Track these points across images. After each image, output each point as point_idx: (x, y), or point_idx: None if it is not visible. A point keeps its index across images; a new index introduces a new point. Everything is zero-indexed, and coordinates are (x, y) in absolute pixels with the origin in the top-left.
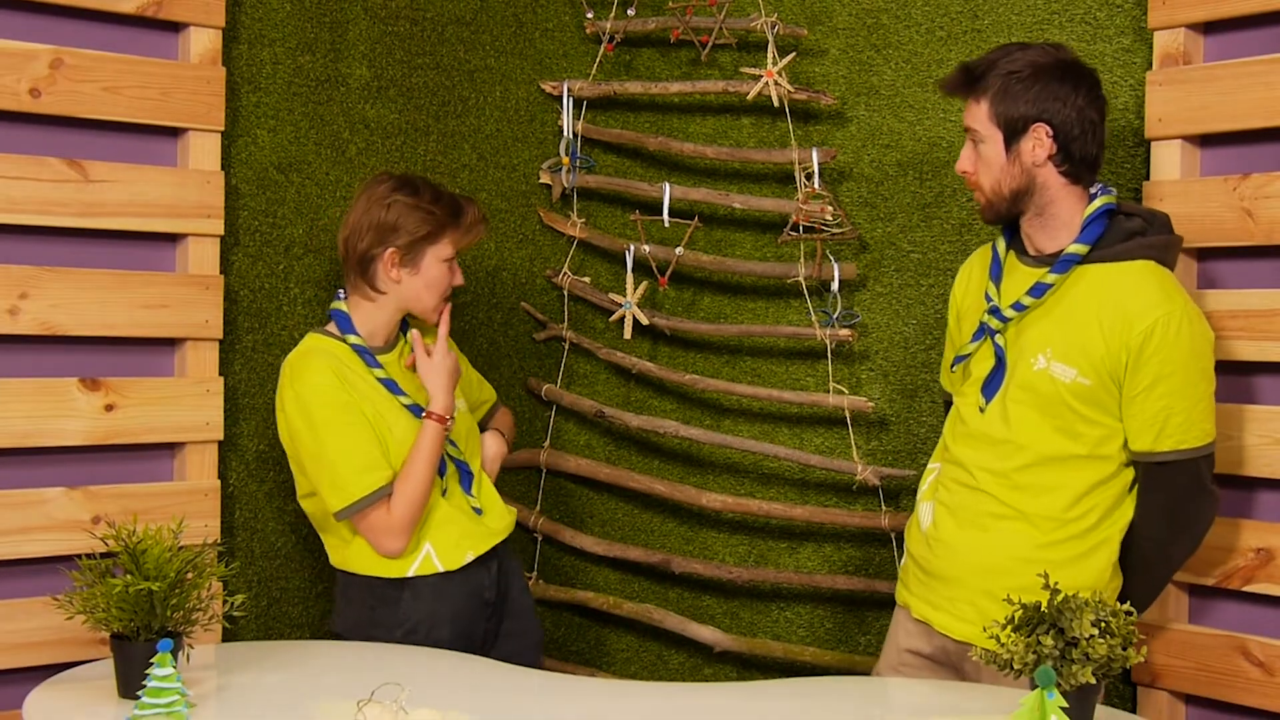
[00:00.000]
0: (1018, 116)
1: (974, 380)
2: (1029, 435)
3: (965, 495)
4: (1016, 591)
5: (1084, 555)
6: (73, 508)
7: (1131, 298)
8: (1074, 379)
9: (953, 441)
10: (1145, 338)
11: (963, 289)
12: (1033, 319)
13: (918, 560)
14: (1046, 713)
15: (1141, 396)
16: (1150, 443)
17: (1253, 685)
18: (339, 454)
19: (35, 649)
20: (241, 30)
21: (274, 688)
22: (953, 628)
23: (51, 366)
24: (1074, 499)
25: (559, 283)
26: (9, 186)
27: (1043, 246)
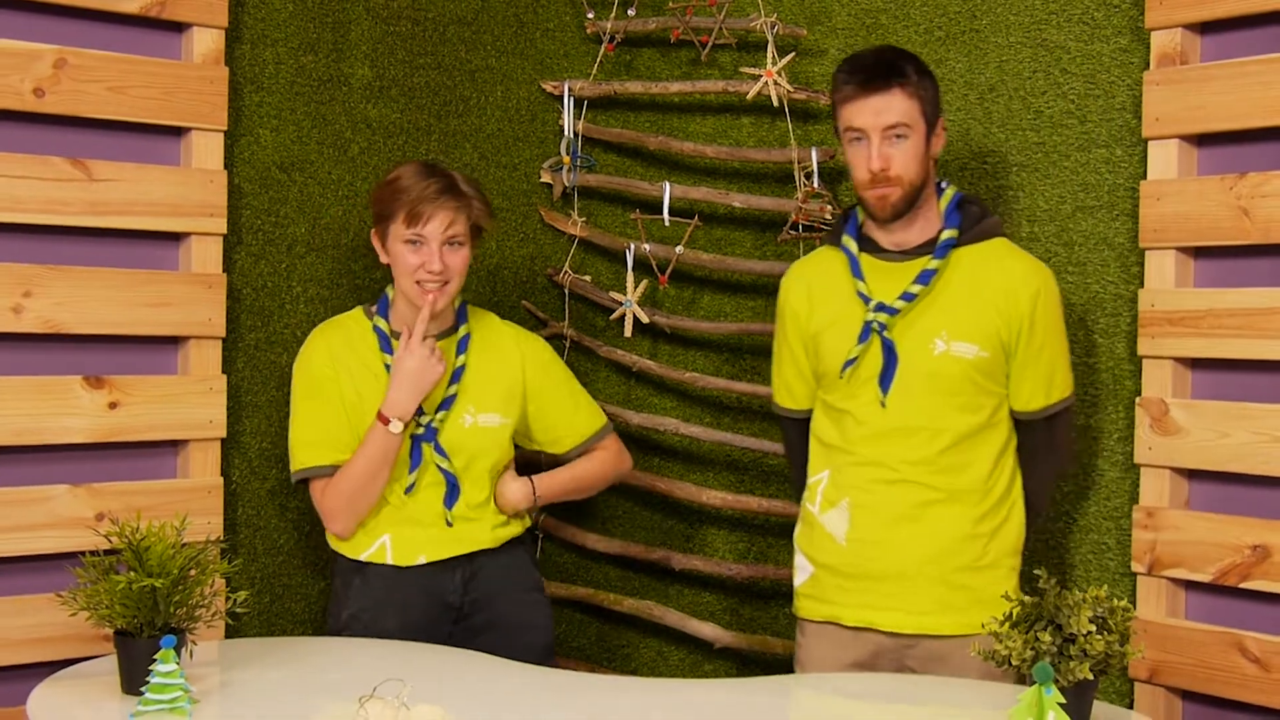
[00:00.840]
0: (934, 109)
1: (865, 380)
2: (943, 418)
3: (887, 491)
4: (960, 572)
5: (1005, 520)
6: (77, 505)
7: (1011, 272)
8: (976, 354)
9: (856, 444)
10: (1033, 304)
11: (805, 306)
12: (919, 309)
13: (836, 570)
14: (1045, 708)
15: (1034, 357)
16: (1044, 399)
17: (1249, 681)
18: (297, 424)
19: (39, 645)
20: (244, 30)
21: (276, 684)
22: (904, 623)
23: (55, 364)
24: (989, 469)
25: (560, 281)
26: (13, 186)
27: (907, 241)
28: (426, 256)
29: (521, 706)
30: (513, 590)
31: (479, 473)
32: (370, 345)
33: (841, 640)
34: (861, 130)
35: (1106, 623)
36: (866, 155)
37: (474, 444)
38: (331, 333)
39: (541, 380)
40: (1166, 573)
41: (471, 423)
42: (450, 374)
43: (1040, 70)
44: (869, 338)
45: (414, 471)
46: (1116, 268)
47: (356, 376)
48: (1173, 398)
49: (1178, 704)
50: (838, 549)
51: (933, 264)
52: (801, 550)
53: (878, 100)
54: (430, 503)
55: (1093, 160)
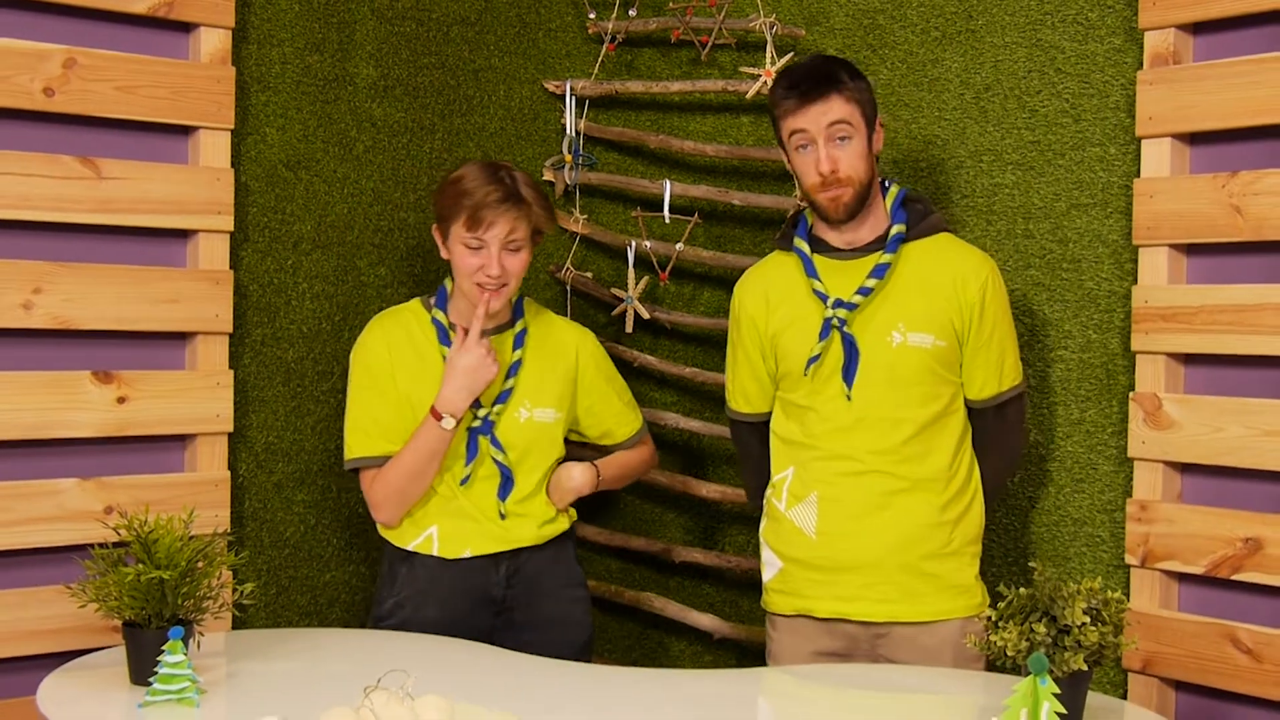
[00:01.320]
0: (872, 110)
1: (827, 376)
2: (904, 408)
3: (854, 482)
4: (927, 559)
5: (967, 508)
6: (85, 498)
7: (960, 263)
8: (933, 343)
9: (821, 439)
10: (981, 293)
11: (762, 310)
12: (876, 303)
13: (806, 563)
14: (1040, 699)
15: (985, 346)
16: (996, 386)
17: (1241, 672)
18: (352, 413)
19: (49, 636)
20: (251, 30)
21: (283, 675)
22: (875, 612)
23: (65, 360)
24: (950, 457)
25: (562, 278)
26: (23, 184)
27: (858, 239)
28: (486, 260)
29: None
30: (555, 586)
31: (531, 467)
32: (429, 337)
33: (813, 632)
34: (806, 134)
35: (1100, 614)
36: (815, 159)
37: (529, 438)
38: (390, 323)
39: (594, 376)
40: (1159, 565)
41: (527, 417)
42: (507, 368)
43: (1035, 70)
44: (829, 334)
45: (470, 464)
46: (1110, 264)
47: (412, 368)
48: (1166, 393)
49: (1171, 694)
50: (807, 542)
51: (885, 258)
52: (769, 546)
53: (818, 107)
54: (483, 495)
55: (1087, 158)
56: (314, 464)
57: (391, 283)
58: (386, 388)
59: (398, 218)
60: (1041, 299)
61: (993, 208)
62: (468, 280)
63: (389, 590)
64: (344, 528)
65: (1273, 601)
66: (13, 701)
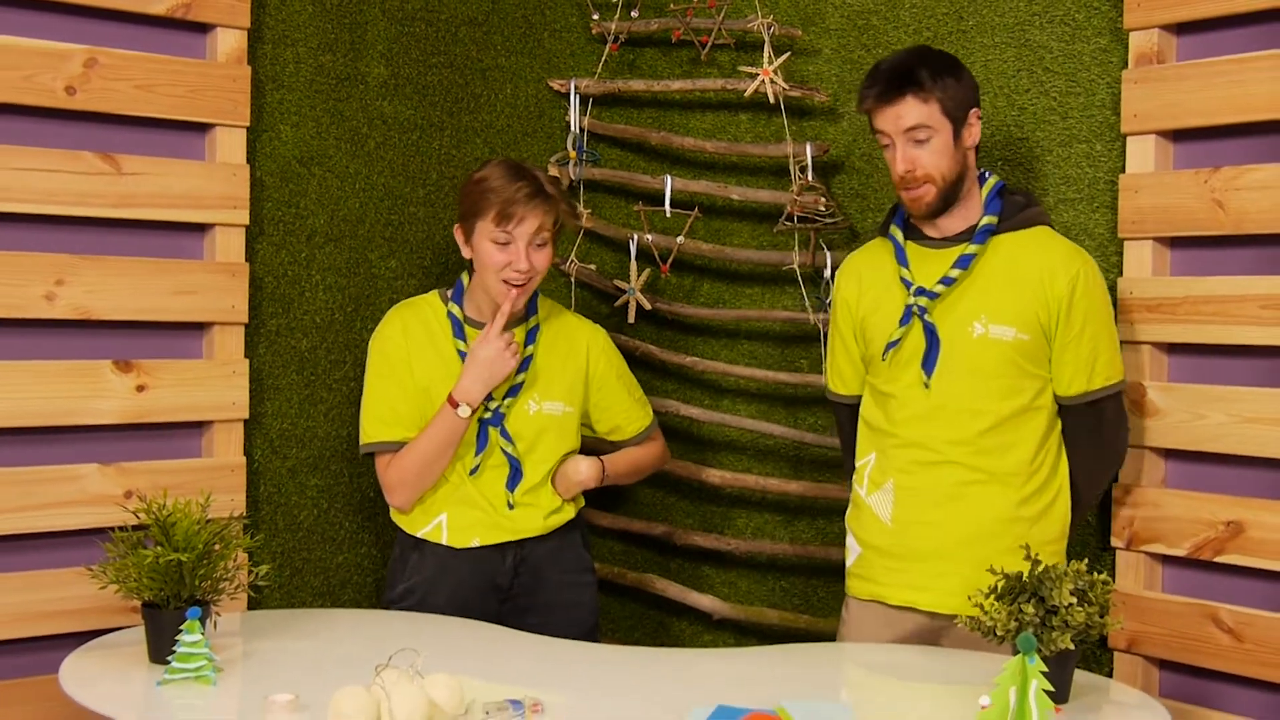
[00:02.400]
0: (959, 105)
1: (906, 363)
2: (984, 399)
3: (929, 472)
4: (1001, 554)
5: (1049, 506)
6: (106, 483)
7: (1051, 256)
8: (1015, 336)
9: (897, 426)
10: (1071, 288)
11: (855, 293)
12: (959, 293)
13: (882, 550)
14: (1028, 677)
15: (1074, 342)
16: (1085, 383)
17: (1223, 651)
18: (368, 399)
19: (71, 616)
20: (266, 31)
21: (296, 653)
22: (944, 603)
23: (86, 349)
24: (1032, 453)
25: (566, 270)
26: (46, 179)
27: (949, 228)
28: (514, 255)
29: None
30: (561, 572)
31: (539, 459)
32: (445, 329)
33: (886, 619)
34: (885, 134)
35: (1087, 595)
36: (894, 159)
37: (537, 430)
38: (408, 313)
39: (605, 371)
40: (1144, 548)
41: (536, 410)
42: (520, 361)
43: (1024, 69)
44: (910, 321)
45: (480, 454)
46: (1097, 257)
47: (427, 358)
48: (1151, 381)
49: (1155, 673)
50: (884, 529)
51: (971, 249)
52: (851, 531)
53: (894, 109)
54: (492, 484)
55: (1074, 155)
56: (327, 450)
57: (402, 275)
58: (403, 375)
59: (408, 212)
60: None
61: None
62: (495, 276)
63: (400, 576)
64: (356, 511)
65: (1253, 583)
66: (36, 679)
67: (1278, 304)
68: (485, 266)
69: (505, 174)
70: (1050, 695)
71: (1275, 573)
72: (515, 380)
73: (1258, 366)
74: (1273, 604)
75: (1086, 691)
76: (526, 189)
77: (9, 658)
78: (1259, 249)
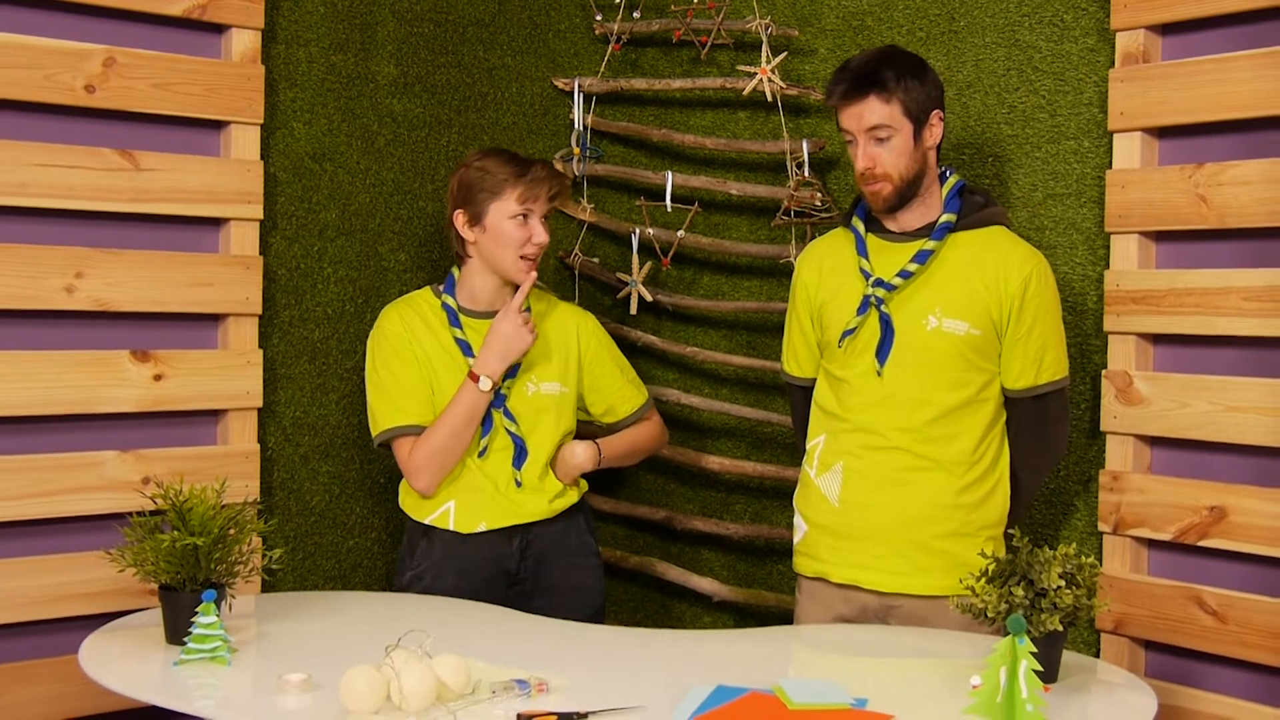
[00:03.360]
0: (921, 106)
1: (861, 351)
2: (932, 390)
3: (876, 456)
4: (940, 538)
5: (989, 494)
6: (124, 469)
7: (1006, 256)
8: (967, 331)
9: (851, 411)
10: (1024, 287)
11: (815, 279)
12: (915, 287)
13: (829, 529)
14: (1018, 657)
15: (1024, 339)
16: (1033, 378)
17: (1206, 632)
18: (380, 389)
19: (90, 599)
20: (279, 31)
21: (309, 635)
22: (885, 583)
23: (105, 340)
24: (975, 443)
25: (571, 263)
26: (66, 175)
27: (909, 224)
28: (534, 229)
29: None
30: (567, 555)
31: (541, 439)
32: (441, 320)
33: (830, 597)
34: (848, 131)
35: (1075, 578)
36: (856, 155)
37: (537, 410)
38: (405, 308)
39: (596, 353)
40: (1130, 532)
41: (534, 391)
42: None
43: (1014, 68)
44: (867, 310)
45: (485, 436)
46: (1084, 250)
47: (429, 349)
48: (1136, 370)
49: (1140, 653)
50: (831, 509)
51: (929, 245)
52: (799, 510)
53: (857, 108)
54: (498, 466)
55: (1062, 151)
56: (338, 437)
57: (411, 267)
58: (410, 361)
59: (417, 207)
60: None
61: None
62: (513, 254)
63: (409, 562)
64: (366, 497)
65: (1236, 566)
66: (56, 659)
67: (1260, 296)
68: (505, 245)
69: (507, 156)
70: (1039, 675)
71: (1257, 556)
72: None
73: (1240, 356)
74: (1255, 586)
75: (1074, 671)
76: (539, 165)
77: (31, 639)
78: (1241, 242)
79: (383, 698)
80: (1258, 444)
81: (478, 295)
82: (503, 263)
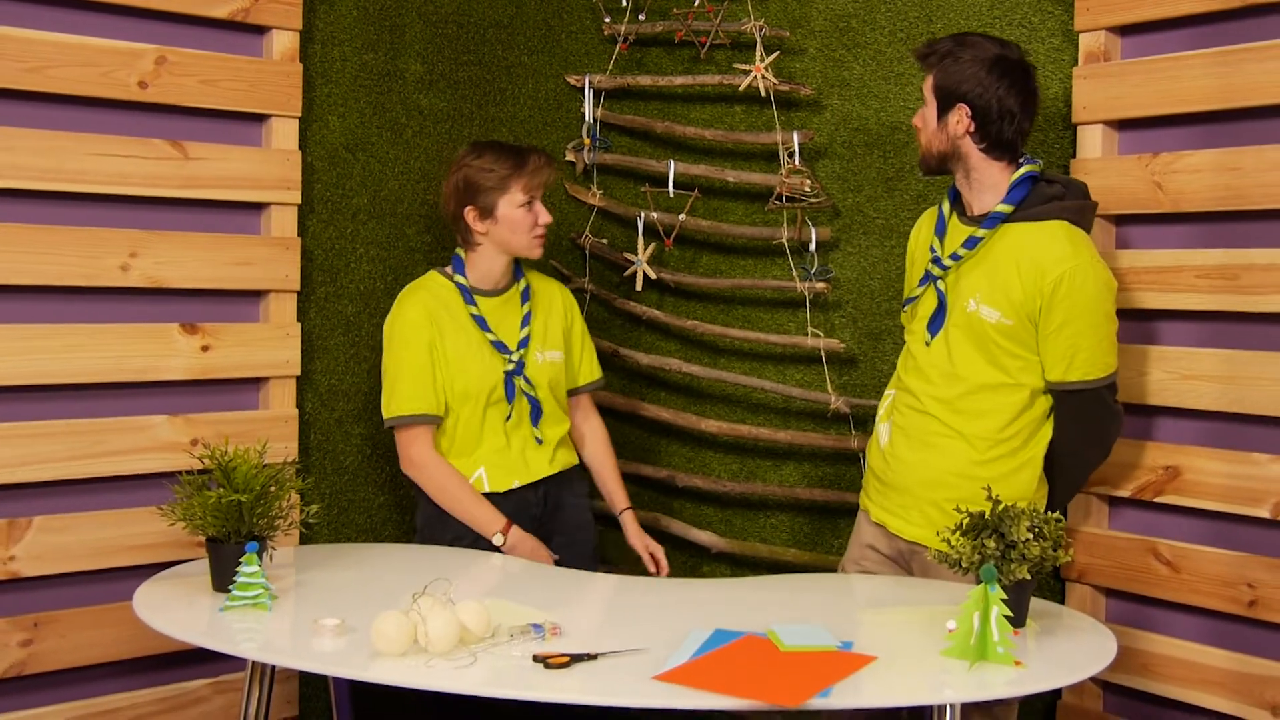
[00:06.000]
0: (948, 94)
1: (920, 319)
2: (966, 367)
3: (915, 418)
4: (953, 502)
5: (1014, 471)
6: (174, 432)
7: (1045, 251)
8: (998, 319)
9: (905, 372)
10: (1055, 286)
11: (915, 242)
12: (967, 269)
13: (876, 473)
14: (990, 603)
15: (1053, 335)
16: (1061, 374)
17: (1162, 580)
18: (395, 375)
19: (143, 550)
20: (316, 32)
21: (343, 583)
22: (905, 530)
23: (157, 314)
24: (1005, 422)
25: (581, 244)
26: (121, 164)
27: (974, 208)
28: (538, 211)
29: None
30: (571, 498)
31: (549, 401)
32: (457, 299)
33: (869, 529)
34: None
35: (1042, 531)
36: None
37: (547, 375)
38: (422, 293)
39: (573, 324)
40: (1093, 489)
41: (543, 360)
42: (521, 318)
43: None
44: (927, 284)
45: (512, 402)
46: None
47: (447, 329)
48: None
49: (1102, 600)
50: (880, 456)
51: (980, 232)
52: (867, 450)
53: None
54: (516, 427)
55: (1031, 142)
56: (370, 403)
57: (435, 247)
58: (422, 351)
59: (441, 192)
60: None
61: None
62: (526, 237)
63: (446, 529)
64: (395, 457)
65: (1189, 520)
66: (112, 606)
67: (1211, 274)
68: (517, 231)
69: (504, 148)
70: (1009, 620)
71: (1208, 511)
72: (523, 334)
73: (1193, 329)
74: (1206, 539)
75: (1042, 616)
76: (535, 153)
77: (88, 587)
78: (1194, 225)
79: (410, 640)
80: (1209, 409)
81: (487, 276)
82: (517, 245)
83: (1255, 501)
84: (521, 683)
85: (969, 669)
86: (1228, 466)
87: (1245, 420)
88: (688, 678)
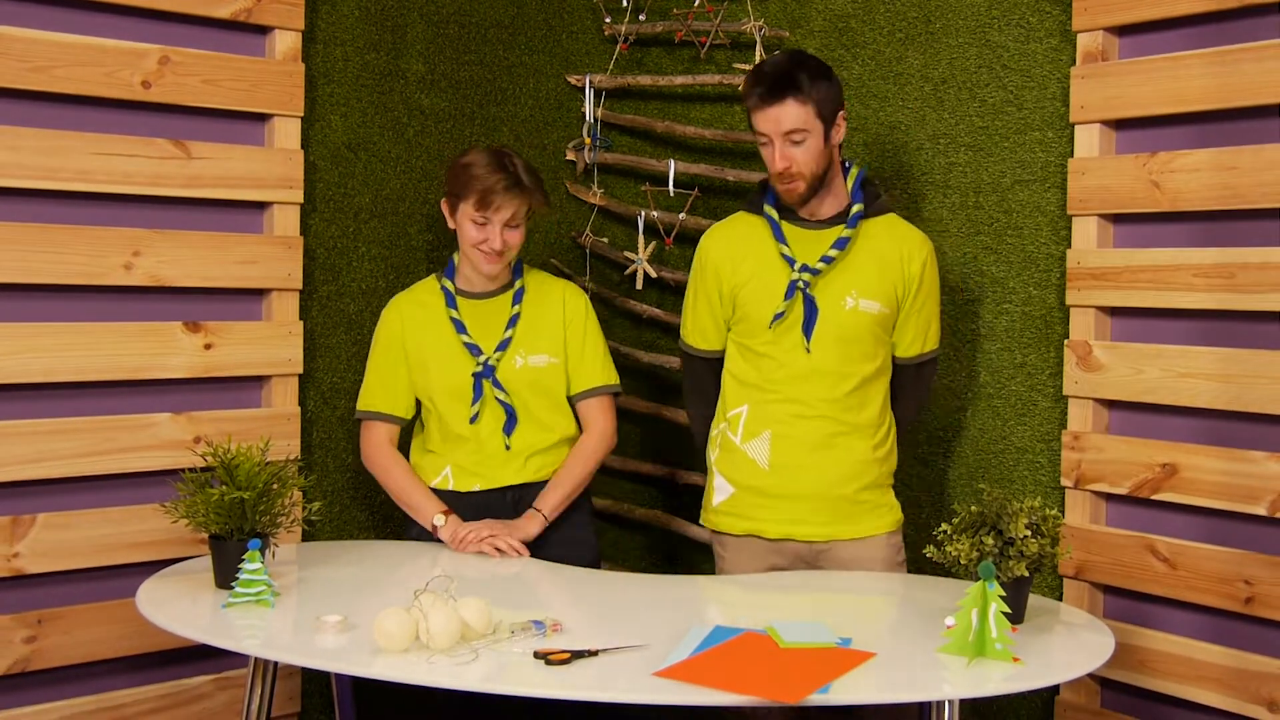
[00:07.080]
0: (830, 108)
1: (788, 329)
2: (849, 364)
3: (805, 424)
4: (862, 490)
5: (892, 448)
6: (177, 430)
7: (905, 241)
8: (878, 310)
9: (779, 384)
10: (922, 268)
11: (728, 263)
12: (835, 271)
13: (759, 490)
14: (988, 600)
15: (917, 313)
16: (920, 347)
17: (1159, 577)
18: (367, 373)
19: (147, 547)
20: (318, 32)
21: (345, 579)
22: (817, 533)
23: (160, 312)
24: (880, 406)
25: (582, 242)
26: (125, 163)
27: (821, 213)
28: (489, 235)
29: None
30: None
31: (531, 408)
32: (439, 302)
33: (762, 550)
34: (765, 135)
35: (1040, 528)
36: (772, 156)
37: (526, 381)
38: (404, 301)
39: (574, 327)
40: (1090, 487)
41: (522, 364)
42: (507, 320)
43: (984, 66)
44: (794, 294)
45: (475, 403)
46: (1048, 231)
47: (423, 329)
48: (1095, 340)
49: (1099, 597)
50: (761, 473)
51: (846, 232)
52: (721, 473)
53: (775, 110)
54: (491, 433)
55: (1028, 141)
56: None
57: (437, 246)
58: (395, 356)
59: (443, 192)
60: (989, 261)
61: (948, 183)
62: (473, 251)
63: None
64: None
65: (1186, 517)
66: (116, 602)
67: (1207, 272)
68: (464, 239)
69: (488, 163)
70: (1008, 616)
71: (1205, 509)
72: (504, 336)
73: (1190, 327)
74: (1203, 536)
75: (1040, 613)
76: (504, 181)
77: (92, 583)
78: (1191, 224)
79: (412, 637)
80: (1206, 406)
81: (472, 279)
82: (466, 252)
83: (1252, 499)
84: (522, 679)
85: (967, 665)
86: (1225, 464)
87: (1242, 418)
88: (688, 674)
